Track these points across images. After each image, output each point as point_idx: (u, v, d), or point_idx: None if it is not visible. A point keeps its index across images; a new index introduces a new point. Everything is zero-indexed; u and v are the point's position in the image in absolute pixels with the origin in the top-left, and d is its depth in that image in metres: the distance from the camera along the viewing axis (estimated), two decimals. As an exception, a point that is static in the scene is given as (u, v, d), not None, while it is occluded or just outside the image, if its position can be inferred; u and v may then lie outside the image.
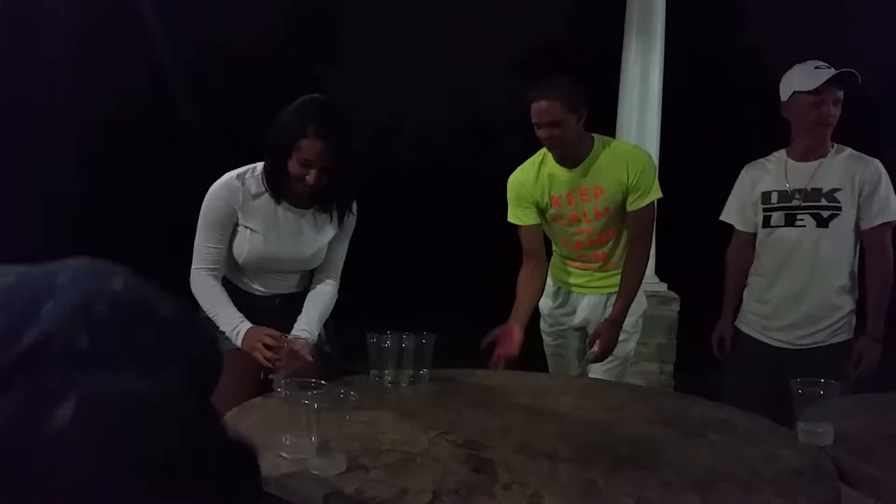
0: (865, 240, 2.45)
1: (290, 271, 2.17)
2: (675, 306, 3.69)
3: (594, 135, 2.53)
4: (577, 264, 2.63)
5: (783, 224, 2.49)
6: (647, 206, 2.49)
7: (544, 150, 2.54)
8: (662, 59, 3.95)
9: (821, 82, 2.37)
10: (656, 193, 2.50)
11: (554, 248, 2.71)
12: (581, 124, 2.44)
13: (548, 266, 2.68)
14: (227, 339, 1.98)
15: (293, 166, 1.95)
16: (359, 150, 2.05)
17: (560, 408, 1.82)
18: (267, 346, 1.91)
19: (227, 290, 2.08)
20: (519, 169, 2.63)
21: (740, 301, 2.66)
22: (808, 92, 2.40)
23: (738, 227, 2.65)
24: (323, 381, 1.47)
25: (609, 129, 4.01)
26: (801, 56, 2.53)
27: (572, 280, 2.65)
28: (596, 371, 2.51)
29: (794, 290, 2.46)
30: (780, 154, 2.57)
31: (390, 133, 11.59)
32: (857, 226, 2.44)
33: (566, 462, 1.39)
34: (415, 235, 9.25)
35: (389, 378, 1.92)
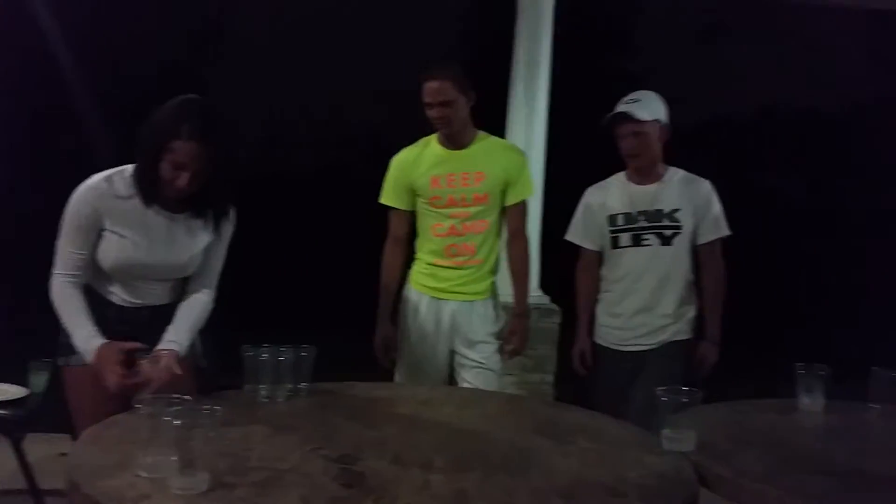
0: (701, 254, 2.66)
1: (161, 280, 2.06)
2: (557, 318, 3.80)
3: (478, 130, 2.66)
4: (446, 261, 2.62)
5: (631, 244, 2.64)
6: (524, 202, 2.66)
7: (428, 136, 2.64)
8: (549, 83, 4.06)
9: (607, 120, 2.61)
10: (532, 191, 2.70)
11: (419, 252, 2.71)
12: (469, 109, 2.56)
13: (406, 256, 2.72)
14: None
15: (165, 168, 1.85)
16: (235, 153, 1.98)
17: (439, 418, 1.83)
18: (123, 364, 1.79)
19: (92, 300, 1.95)
20: (403, 150, 2.69)
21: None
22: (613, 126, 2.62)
23: (586, 247, 2.78)
24: (188, 397, 1.40)
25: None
26: (683, 82, 2.72)
27: (438, 284, 2.64)
28: (467, 383, 2.56)
29: (644, 304, 2.62)
30: (621, 177, 2.73)
31: (279, 140, 11.37)
32: (694, 242, 2.64)
33: (439, 472, 1.39)
34: (301, 244, 9.11)
35: (265, 393, 1.86)
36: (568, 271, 2.94)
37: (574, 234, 2.82)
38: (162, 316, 2.02)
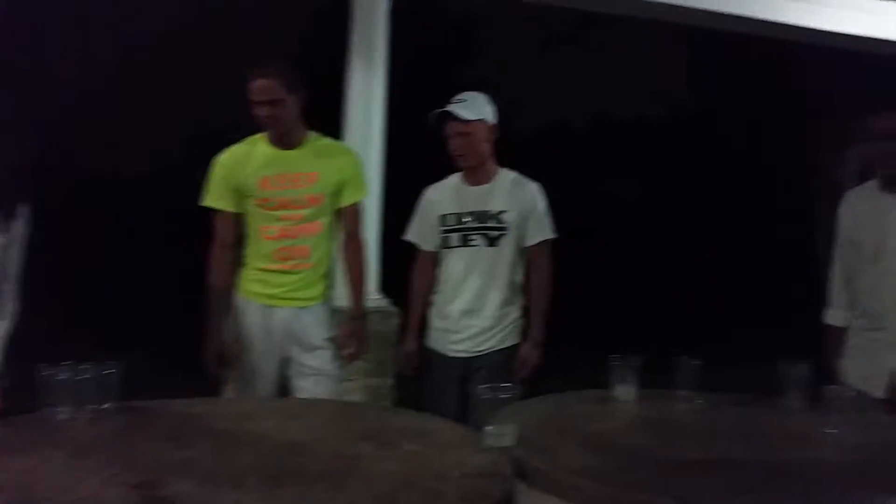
0: (528, 255, 2.72)
1: None
2: (397, 321, 3.79)
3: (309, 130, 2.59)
4: (277, 266, 2.53)
5: (459, 245, 2.68)
6: (359, 203, 2.64)
7: (256, 136, 2.55)
8: (386, 84, 4.05)
9: (432, 119, 2.64)
10: (367, 192, 2.69)
11: (248, 258, 2.61)
12: (299, 108, 2.50)
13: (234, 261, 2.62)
14: None
15: None
16: (24, 152, 1.80)
17: (259, 432, 1.74)
18: None
19: None
20: (227, 150, 2.57)
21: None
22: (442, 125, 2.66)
23: (422, 246, 2.81)
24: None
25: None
26: (522, 88, 2.80)
27: (269, 290, 2.55)
28: (306, 391, 2.48)
29: (471, 306, 2.66)
30: (456, 178, 2.78)
31: (112, 141, 10.63)
32: (520, 243, 2.69)
33: (252, 490, 1.32)
34: (122, 251, 8.58)
35: (64, 415, 1.69)
36: (409, 273, 2.94)
37: (412, 234, 2.83)
38: None
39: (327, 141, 2.66)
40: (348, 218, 2.63)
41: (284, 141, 2.53)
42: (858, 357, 2.55)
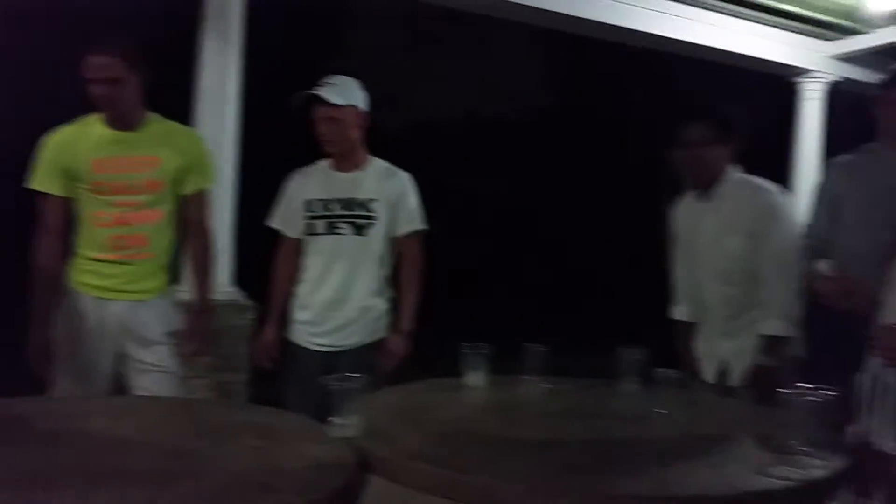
0: (398, 246, 2.65)
1: None
2: (251, 314, 3.67)
3: (149, 112, 2.43)
4: (112, 255, 2.38)
5: (325, 232, 2.58)
6: (205, 191, 2.50)
7: (92, 116, 2.38)
8: (242, 71, 3.90)
9: (298, 100, 2.53)
10: (213, 179, 2.56)
11: (79, 247, 2.43)
12: (139, 90, 2.35)
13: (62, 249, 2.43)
14: None
15: None
16: None
17: (85, 432, 1.63)
18: None
19: None
20: (60, 129, 2.38)
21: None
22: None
23: (285, 232, 2.69)
24: None
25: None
26: (390, 84, 2.74)
27: (102, 282, 2.39)
28: (144, 389, 2.35)
29: (335, 296, 2.56)
30: (325, 163, 2.67)
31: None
32: (389, 233, 2.61)
33: (66, 494, 1.24)
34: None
35: None
36: (263, 265, 2.85)
37: (275, 219, 2.72)
38: None
39: (171, 124, 2.50)
40: (193, 206, 2.49)
41: (122, 122, 2.36)
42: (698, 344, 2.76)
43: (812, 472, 1.45)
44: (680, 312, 2.79)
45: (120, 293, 2.38)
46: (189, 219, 2.51)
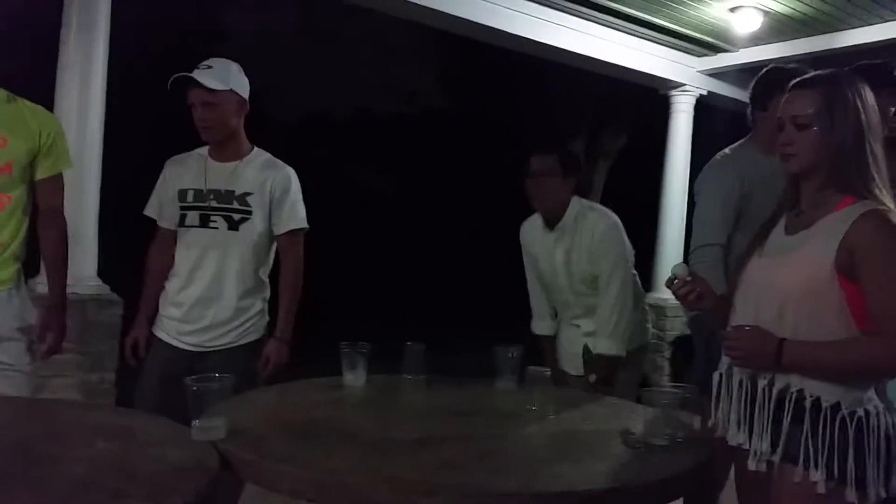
0: (278, 245, 2.49)
1: None
2: (119, 310, 3.46)
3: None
4: None
5: (197, 224, 2.41)
6: (60, 175, 2.31)
7: None
8: (106, 55, 3.67)
9: (171, 83, 2.37)
10: (70, 163, 2.35)
11: None
12: None
13: None
14: None
15: None
16: None
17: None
18: None
19: None
20: None
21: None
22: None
23: (160, 223, 2.54)
24: None
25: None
26: (278, 77, 2.59)
27: None
28: None
29: (205, 293, 2.41)
30: (203, 151, 2.51)
31: None
32: (267, 230, 2.45)
33: None
34: None
35: None
36: (131, 259, 2.68)
37: (150, 208, 2.54)
38: None
39: (22, 103, 2.28)
40: (46, 192, 2.29)
41: None
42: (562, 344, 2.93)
43: (671, 466, 1.51)
44: (540, 327, 2.97)
45: None
46: (42, 206, 2.29)
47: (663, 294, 5.46)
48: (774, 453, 1.53)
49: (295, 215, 2.48)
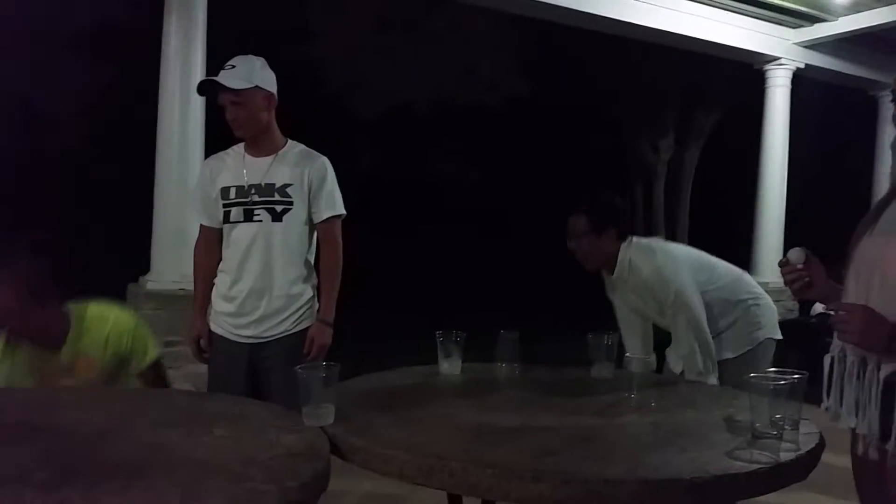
0: (318, 232, 2.56)
1: None
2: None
3: None
4: None
5: (242, 220, 2.48)
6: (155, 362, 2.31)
7: None
8: (204, 62, 3.85)
9: (199, 87, 2.49)
10: (156, 354, 2.31)
11: None
12: None
13: None
14: None
15: None
16: None
17: (53, 423, 1.61)
18: None
19: None
20: None
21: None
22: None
23: (203, 222, 2.62)
24: None
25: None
26: (359, 70, 2.65)
27: None
28: None
29: (256, 285, 2.47)
30: (239, 148, 2.57)
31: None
32: (308, 218, 2.53)
33: (38, 487, 1.21)
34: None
35: None
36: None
37: (194, 208, 2.65)
38: None
39: (91, 312, 2.21)
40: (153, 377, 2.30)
41: None
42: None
43: (781, 454, 1.48)
44: (632, 347, 2.81)
45: None
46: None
47: (764, 277, 5.26)
48: (886, 440, 1.47)
49: (333, 203, 2.55)
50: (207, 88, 2.45)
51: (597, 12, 4.80)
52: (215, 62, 3.95)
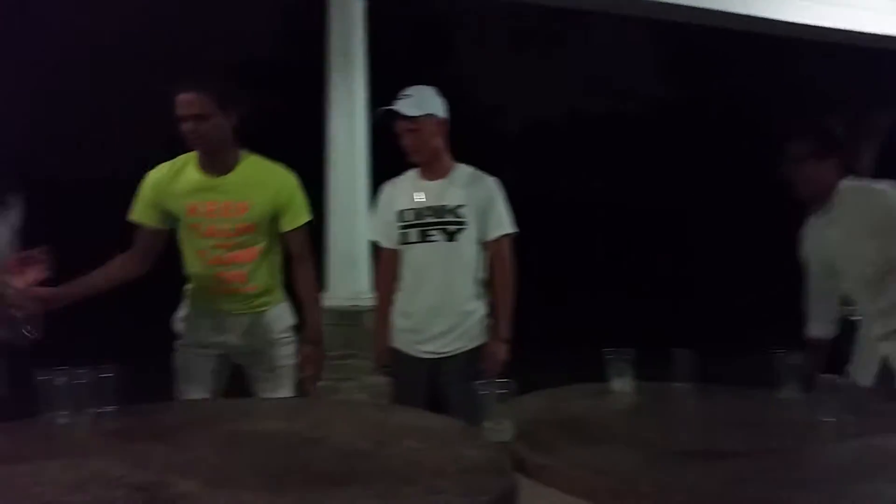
0: (488, 250, 2.66)
1: None
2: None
3: (245, 151, 2.50)
4: (216, 287, 2.49)
5: (418, 241, 2.62)
6: (304, 225, 2.54)
7: (188, 155, 2.46)
8: (367, 86, 4.06)
9: (376, 116, 2.62)
10: (309, 214, 2.57)
11: (189, 272, 2.56)
12: (231, 129, 2.39)
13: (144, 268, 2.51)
14: None
15: None
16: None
17: (261, 432, 1.75)
18: None
19: None
20: (158, 167, 2.49)
21: None
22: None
23: (383, 243, 2.75)
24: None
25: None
26: (502, 85, 2.77)
27: (213, 305, 2.52)
28: (264, 389, 2.53)
29: (433, 303, 2.60)
30: (413, 173, 2.72)
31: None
32: (480, 238, 2.64)
33: (254, 490, 1.33)
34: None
35: (63, 420, 1.69)
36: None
37: (373, 232, 2.81)
38: None
39: (262, 164, 2.52)
40: (292, 242, 2.54)
41: (213, 164, 2.43)
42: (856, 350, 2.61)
43: None
44: (815, 329, 2.68)
45: (230, 313, 2.52)
46: (291, 252, 2.57)
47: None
48: None
49: (503, 221, 2.65)
50: (384, 117, 2.60)
51: (747, 13, 4.57)
52: (374, 90, 4.19)
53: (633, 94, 12.62)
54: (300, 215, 2.53)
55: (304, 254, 2.56)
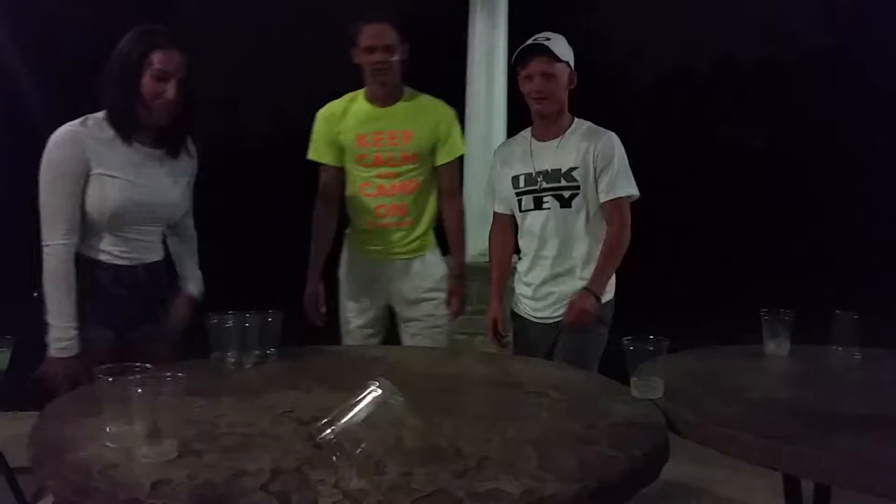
0: (603, 211, 2.45)
1: (157, 223, 2.07)
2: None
3: (406, 86, 2.59)
4: (377, 223, 2.58)
5: (532, 208, 2.49)
6: (456, 160, 2.61)
7: (356, 92, 2.58)
8: (507, 36, 4.02)
9: (520, 53, 2.43)
10: (464, 148, 2.64)
11: (351, 215, 2.67)
12: (402, 64, 2.48)
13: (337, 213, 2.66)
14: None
15: (148, 86, 1.90)
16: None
17: (410, 377, 1.82)
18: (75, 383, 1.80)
19: (84, 266, 1.94)
20: (329, 104, 2.62)
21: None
22: (518, 67, 2.44)
23: (497, 209, 2.64)
24: (148, 365, 1.36)
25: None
26: (642, 38, 2.63)
27: (372, 246, 2.61)
28: (416, 339, 2.59)
29: (552, 273, 2.48)
30: (526, 133, 2.57)
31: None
32: (596, 200, 2.45)
33: (411, 429, 1.38)
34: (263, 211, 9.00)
35: (233, 360, 1.83)
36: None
37: (486, 196, 2.71)
38: (155, 273, 2.07)
39: (424, 97, 2.61)
40: (443, 177, 2.60)
41: (384, 97, 2.53)
42: None
43: None
44: None
45: (388, 255, 2.60)
46: (442, 187, 2.62)
47: None
48: None
49: (619, 183, 2.42)
50: (526, 55, 2.43)
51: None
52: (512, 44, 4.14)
53: (790, 40, 11.72)
54: (455, 148, 2.60)
55: (454, 189, 2.64)
